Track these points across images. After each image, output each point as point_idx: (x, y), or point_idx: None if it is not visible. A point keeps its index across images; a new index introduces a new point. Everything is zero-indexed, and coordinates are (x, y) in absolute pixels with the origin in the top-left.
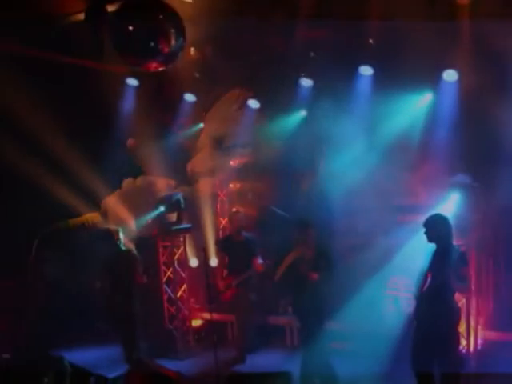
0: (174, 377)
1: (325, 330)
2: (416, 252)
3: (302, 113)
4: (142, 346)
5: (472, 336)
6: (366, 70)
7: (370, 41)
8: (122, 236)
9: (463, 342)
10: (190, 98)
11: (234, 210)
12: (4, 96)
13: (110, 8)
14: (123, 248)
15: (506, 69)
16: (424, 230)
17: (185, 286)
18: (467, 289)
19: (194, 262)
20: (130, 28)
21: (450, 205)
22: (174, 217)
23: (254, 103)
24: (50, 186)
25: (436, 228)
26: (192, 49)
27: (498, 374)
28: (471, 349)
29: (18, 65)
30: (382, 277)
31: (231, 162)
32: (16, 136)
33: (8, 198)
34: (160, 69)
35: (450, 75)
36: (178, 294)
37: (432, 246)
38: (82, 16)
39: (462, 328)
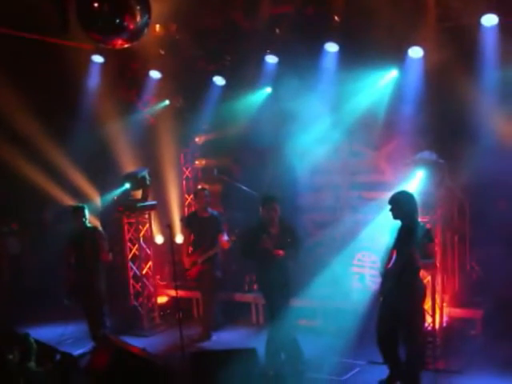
0: (140, 353)
1: (290, 307)
2: (381, 229)
3: (268, 89)
4: (108, 323)
5: (437, 313)
6: (332, 47)
7: (336, 18)
8: (87, 213)
9: (428, 318)
10: (155, 74)
11: (199, 186)
12: None
13: None
14: (88, 225)
15: (471, 45)
16: (389, 206)
17: (150, 263)
18: (432, 266)
19: (159, 239)
20: (96, 5)
21: (416, 182)
22: (139, 194)
23: (219, 80)
24: (15, 164)
25: (401, 205)
26: (157, 25)
27: (463, 350)
28: (436, 325)
29: None
30: (347, 253)
31: (196, 139)
32: None
33: None
34: (125, 45)
35: (415, 52)
36: (144, 271)
37: (397, 223)
38: None
39: (427, 305)
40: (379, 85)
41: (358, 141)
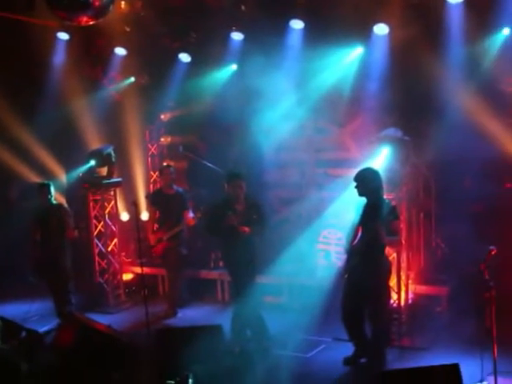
0: (105, 330)
1: (256, 284)
2: (347, 206)
3: (233, 66)
4: (73, 300)
5: (403, 290)
6: (297, 24)
7: None
8: (52, 190)
9: (394, 295)
10: (120, 51)
11: (164, 163)
12: None
13: None
14: (54, 202)
15: (436, 22)
16: (355, 183)
17: (116, 240)
18: (398, 243)
19: (124, 216)
20: None
21: (381, 159)
22: (104, 171)
23: (185, 57)
24: None
25: (367, 182)
26: (122, 2)
27: (428, 327)
28: (402, 302)
29: None
30: (313, 230)
31: (162, 116)
32: None
33: None
34: (90, 22)
35: (380, 29)
36: (109, 248)
37: (363, 200)
38: None
39: (392, 282)
40: (344, 62)
41: (324, 118)
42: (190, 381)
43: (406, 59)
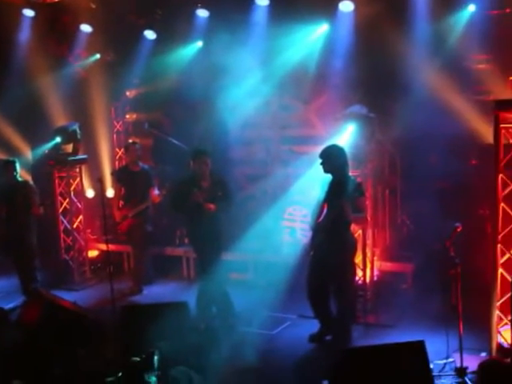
0: (71, 307)
1: (221, 261)
2: (312, 183)
3: (199, 43)
4: (39, 277)
5: (368, 267)
6: (262, 1)
7: None
8: (18, 167)
9: (359, 272)
10: (85, 28)
11: (130, 140)
12: None
13: None
14: (19, 179)
15: None
16: (320, 160)
17: (81, 217)
18: (363, 219)
19: (90, 193)
20: None
21: (346, 136)
22: (70, 148)
23: (150, 34)
24: None
25: (332, 159)
26: None
27: (394, 304)
28: (367, 279)
29: None
30: (278, 207)
31: (127, 93)
32: None
33: None
34: None
35: (345, 5)
36: (75, 225)
37: (328, 177)
38: None
39: (358, 259)
40: (310, 39)
41: (289, 95)
42: (156, 357)
43: (371, 36)
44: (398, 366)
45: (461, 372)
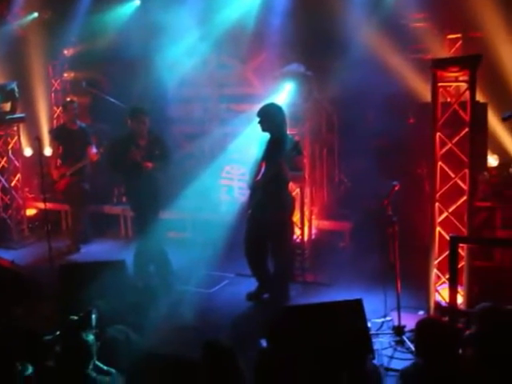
0: (8, 265)
1: (159, 219)
2: (250, 141)
3: (136, 1)
4: None
5: (306, 225)
6: None
7: None
8: None
9: (297, 231)
10: None
11: (68, 99)
12: None
13: None
14: None
15: None
16: (258, 119)
17: (19, 176)
18: (301, 178)
19: (28, 152)
20: None
21: (284, 94)
22: (7, 106)
23: None
24: None
25: (270, 117)
26: None
27: (332, 263)
28: (305, 238)
29: None
30: (216, 166)
31: (65, 51)
32: None
33: None
34: None
35: None
36: (12, 184)
37: (266, 136)
38: None
39: (295, 217)
40: None
41: (227, 53)
42: (93, 316)
43: None
44: (335, 324)
45: (398, 330)
